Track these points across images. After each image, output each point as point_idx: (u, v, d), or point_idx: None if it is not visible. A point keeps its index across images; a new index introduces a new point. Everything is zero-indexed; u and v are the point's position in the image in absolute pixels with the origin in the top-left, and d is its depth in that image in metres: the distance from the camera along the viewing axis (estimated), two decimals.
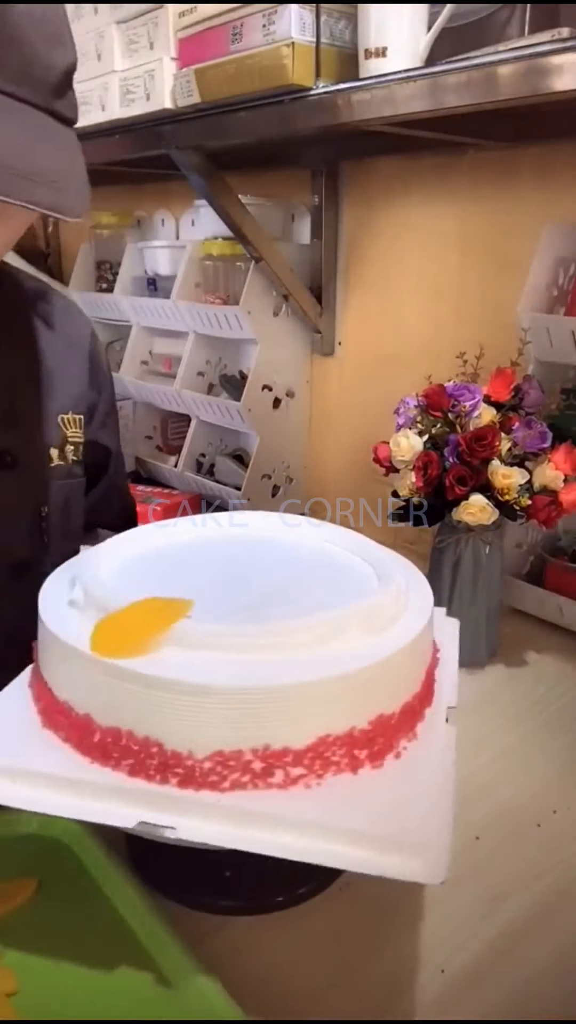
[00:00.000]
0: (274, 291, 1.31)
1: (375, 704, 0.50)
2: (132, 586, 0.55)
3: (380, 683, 0.50)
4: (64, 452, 0.76)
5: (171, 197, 1.65)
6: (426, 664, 0.56)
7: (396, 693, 0.51)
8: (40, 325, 0.77)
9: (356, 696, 0.49)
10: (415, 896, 0.59)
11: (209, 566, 0.65)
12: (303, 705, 0.47)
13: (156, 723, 0.47)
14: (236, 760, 0.46)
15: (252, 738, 0.46)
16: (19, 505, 0.73)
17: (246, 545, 0.70)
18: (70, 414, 0.77)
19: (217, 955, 0.54)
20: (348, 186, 1.30)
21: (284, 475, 1.44)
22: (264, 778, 0.47)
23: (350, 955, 0.54)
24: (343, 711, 0.48)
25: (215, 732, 0.46)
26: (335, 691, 0.48)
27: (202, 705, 0.46)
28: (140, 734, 0.47)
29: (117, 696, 0.48)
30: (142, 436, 1.65)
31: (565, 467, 0.84)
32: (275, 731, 0.46)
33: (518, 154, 1.06)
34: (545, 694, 0.87)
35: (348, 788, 0.47)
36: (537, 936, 0.56)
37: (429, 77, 0.79)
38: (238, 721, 0.46)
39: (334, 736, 0.48)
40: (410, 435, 0.87)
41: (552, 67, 0.69)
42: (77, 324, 0.82)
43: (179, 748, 0.46)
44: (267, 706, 0.46)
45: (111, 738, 0.48)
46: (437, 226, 1.18)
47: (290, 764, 0.47)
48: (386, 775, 0.48)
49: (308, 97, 0.91)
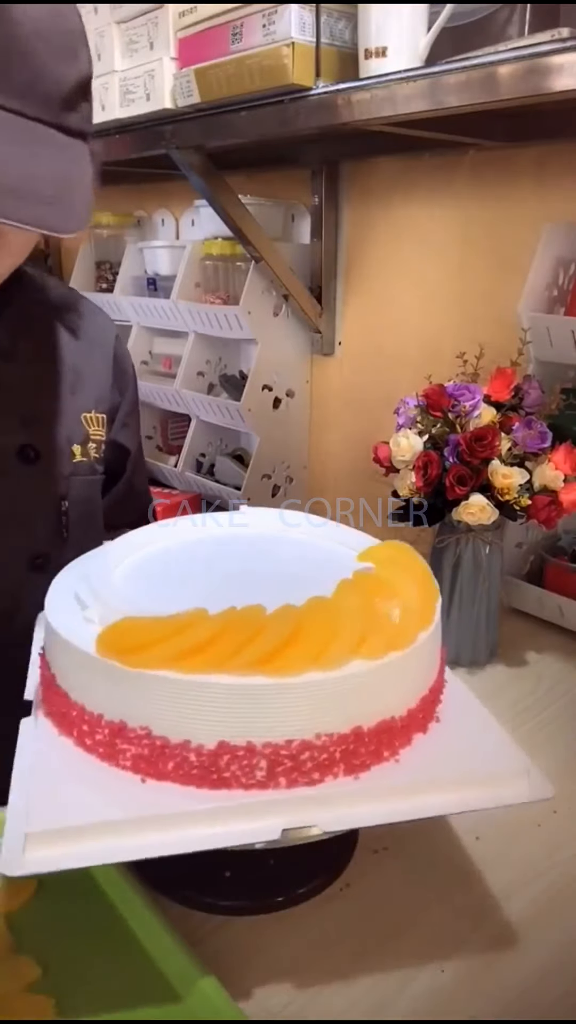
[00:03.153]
0: (274, 291, 1.31)
1: (424, 684, 0.56)
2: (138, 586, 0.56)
3: (425, 665, 0.56)
4: (86, 449, 0.78)
5: (171, 197, 1.65)
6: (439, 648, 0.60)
7: (432, 672, 0.57)
8: (65, 328, 0.79)
9: (414, 677, 0.55)
10: (415, 896, 0.59)
11: (212, 565, 0.66)
12: (380, 689, 0.51)
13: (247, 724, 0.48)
14: (326, 748, 0.49)
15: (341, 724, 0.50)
16: (40, 499, 0.74)
17: (248, 544, 0.70)
18: (93, 412, 0.79)
19: (217, 955, 0.54)
20: (348, 186, 1.30)
21: (284, 475, 1.44)
22: (351, 761, 0.50)
23: (350, 955, 0.54)
24: (401, 693, 0.53)
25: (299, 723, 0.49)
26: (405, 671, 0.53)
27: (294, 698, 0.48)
28: (268, 740, 0.48)
29: (241, 710, 0.48)
30: (142, 436, 1.65)
31: (565, 467, 0.84)
32: (355, 714, 0.50)
33: (518, 154, 1.06)
34: (545, 694, 0.87)
35: (424, 752, 0.53)
36: (537, 936, 0.56)
37: (429, 77, 0.79)
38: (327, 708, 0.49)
39: (397, 716, 0.52)
40: (410, 435, 0.87)
41: (552, 67, 0.69)
42: (102, 328, 0.84)
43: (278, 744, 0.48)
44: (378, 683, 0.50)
45: (226, 755, 0.48)
46: (437, 226, 1.18)
47: (394, 735, 0.52)
48: (445, 733, 0.55)
49: (308, 97, 0.91)
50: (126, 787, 0.49)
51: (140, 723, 0.49)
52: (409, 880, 0.60)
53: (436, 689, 0.58)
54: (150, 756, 0.49)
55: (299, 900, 0.58)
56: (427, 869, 0.62)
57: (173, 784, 0.49)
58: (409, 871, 0.61)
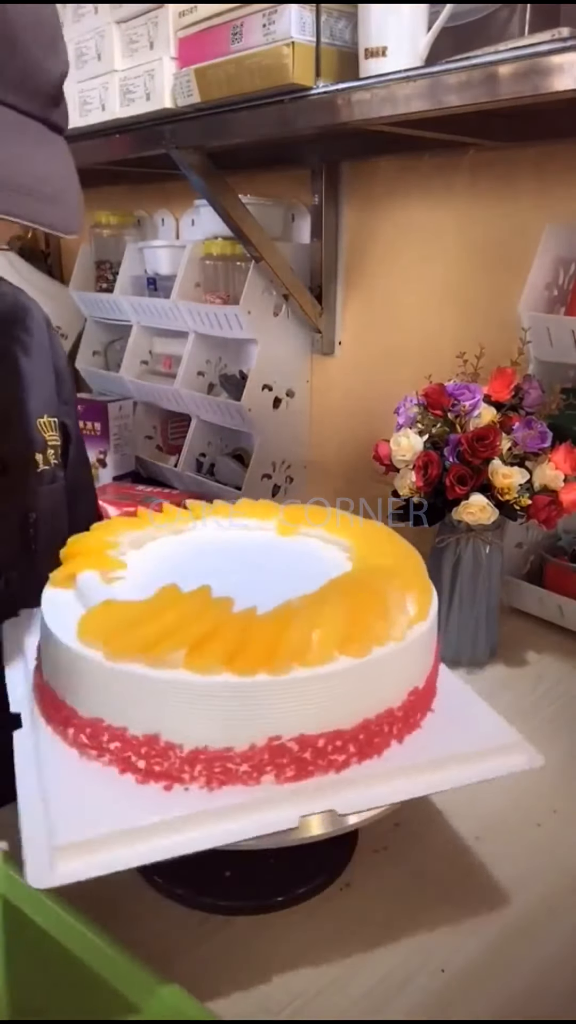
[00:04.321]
0: (274, 291, 1.31)
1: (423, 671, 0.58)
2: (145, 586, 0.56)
3: (420, 656, 0.58)
4: (47, 456, 0.77)
5: (171, 197, 1.65)
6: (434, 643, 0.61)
7: (427, 665, 0.59)
8: (15, 333, 0.77)
9: (414, 664, 0.57)
10: (415, 896, 0.59)
11: (214, 564, 0.66)
12: (384, 681, 0.54)
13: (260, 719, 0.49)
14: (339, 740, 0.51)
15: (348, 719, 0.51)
16: (7, 511, 0.72)
17: (249, 543, 0.70)
18: (45, 418, 0.78)
19: (217, 955, 0.54)
20: (348, 186, 1.29)
21: (284, 475, 1.44)
22: (364, 748, 0.52)
23: (350, 955, 0.54)
24: (397, 685, 0.55)
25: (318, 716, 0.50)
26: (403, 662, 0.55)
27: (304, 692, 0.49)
28: (253, 739, 0.49)
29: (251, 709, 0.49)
30: (142, 436, 1.65)
31: (565, 467, 0.84)
32: (365, 706, 0.52)
33: (518, 154, 1.06)
34: (545, 694, 0.87)
35: (424, 737, 0.56)
36: (537, 936, 0.56)
37: (429, 77, 0.79)
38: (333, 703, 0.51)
39: (394, 707, 0.54)
40: (410, 434, 0.87)
41: (552, 67, 0.69)
42: (39, 324, 0.80)
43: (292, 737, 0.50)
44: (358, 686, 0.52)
45: (242, 755, 0.49)
46: (437, 226, 1.18)
47: (394, 723, 0.54)
48: (442, 718, 0.58)
49: (308, 97, 0.91)
50: (140, 792, 0.49)
51: (144, 731, 0.49)
52: (409, 880, 0.60)
53: (431, 680, 0.59)
54: (160, 761, 0.50)
55: (299, 900, 0.58)
56: (427, 869, 0.62)
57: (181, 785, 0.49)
58: (409, 871, 0.61)
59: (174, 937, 0.55)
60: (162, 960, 0.53)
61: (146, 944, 0.53)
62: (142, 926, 0.56)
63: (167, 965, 0.52)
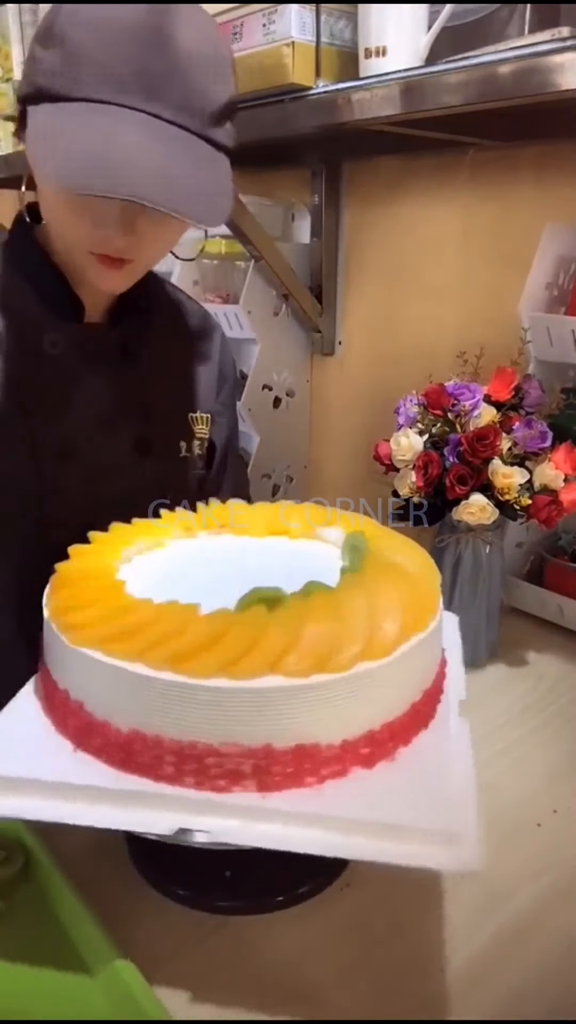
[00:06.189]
0: (274, 291, 1.31)
1: (405, 696, 0.52)
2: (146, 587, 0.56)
3: (396, 679, 0.51)
4: (191, 446, 0.85)
5: None
6: (437, 660, 0.58)
7: (420, 684, 0.54)
8: (174, 331, 0.86)
9: (388, 689, 0.51)
10: (415, 896, 0.59)
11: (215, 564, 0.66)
12: (329, 702, 0.48)
13: (191, 725, 0.48)
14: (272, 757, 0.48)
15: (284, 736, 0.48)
16: (148, 489, 0.78)
17: (250, 543, 0.70)
18: (198, 412, 0.86)
19: (217, 955, 0.54)
20: (348, 186, 1.29)
21: (284, 475, 1.44)
22: (299, 776, 0.48)
23: (350, 955, 0.54)
24: (371, 707, 0.50)
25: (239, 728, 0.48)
26: (356, 687, 0.49)
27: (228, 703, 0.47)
28: (174, 737, 0.48)
29: (151, 702, 0.48)
30: None
31: (565, 467, 0.84)
32: (306, 728, 0.48)
33: (518, 154, 1.06)
34: (545, 694, 0.87)
35: (373, 783, 0.49)
36: (537, 935, 0.56)
37: (429, 77, 0.79)
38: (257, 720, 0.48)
39: (359, 734, 0.49)
40: (410, 434, 0.87)
41: (552, 67, 0.69)
42: (209, 333, 0.90)
43: (214, 747, 0.48)
44: (293, 703, 0.47)
45: (143, 743, 0.49)
46: (437, 226, 1.18)
47: (320, 763, 0.48)
48: (410, 767, 0.50)
49: (308, 96, 0.91)
50: (59, 752, 0.51)
51: (76, 696, 0.52)
52: (409, 880, 0.60)
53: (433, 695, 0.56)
54: (85, 729, 0.51)
55: (299, 900, 0.58)
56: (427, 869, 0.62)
57: (97, 760, 0.50)
58: (409, 871, 0.61)
59: (174, 937, 0.55)
60: (162, 960, 0.53)
61: (146, 944, 0.53)
62: (142, 926, 0.56)
63: (167, 965, 0.53)
